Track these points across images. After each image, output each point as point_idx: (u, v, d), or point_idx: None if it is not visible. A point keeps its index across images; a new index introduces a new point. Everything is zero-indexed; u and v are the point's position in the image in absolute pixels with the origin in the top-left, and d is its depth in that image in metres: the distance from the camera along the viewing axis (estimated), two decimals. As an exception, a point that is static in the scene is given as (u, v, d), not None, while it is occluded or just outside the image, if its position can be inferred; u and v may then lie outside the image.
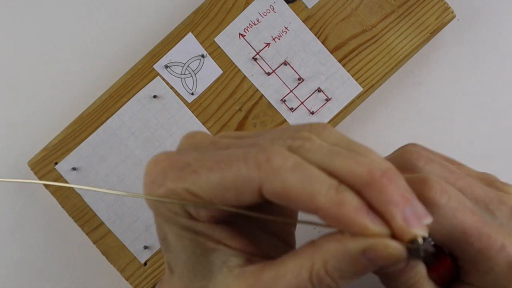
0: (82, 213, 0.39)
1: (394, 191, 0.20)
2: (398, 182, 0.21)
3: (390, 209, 0.20)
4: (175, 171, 0.22)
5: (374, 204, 0.20)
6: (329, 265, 0.21)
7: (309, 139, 0.22)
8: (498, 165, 0.42)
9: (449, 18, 0.39)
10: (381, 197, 0.20)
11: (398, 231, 0.20)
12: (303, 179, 0.20)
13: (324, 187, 0.20)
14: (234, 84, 0.40)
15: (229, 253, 0.23)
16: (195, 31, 0.40)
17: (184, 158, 0.22)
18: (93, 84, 0.42)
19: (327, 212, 0.20)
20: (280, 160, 0.21)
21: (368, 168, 0.21)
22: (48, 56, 0.42)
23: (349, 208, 0.20)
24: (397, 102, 0.42)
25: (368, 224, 0.20)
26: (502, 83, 0.42)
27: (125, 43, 0.42)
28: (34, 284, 0.42)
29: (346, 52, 0.40)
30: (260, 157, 0.21)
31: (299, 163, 0.21)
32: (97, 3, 0.42)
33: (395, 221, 0.20)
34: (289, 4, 0.40)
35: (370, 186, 0.20)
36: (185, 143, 0.24)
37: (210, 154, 0.22)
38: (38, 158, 0.39)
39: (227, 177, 0.21)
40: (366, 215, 0.20)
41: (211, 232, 0.23)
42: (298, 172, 0.20)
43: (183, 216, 0.23)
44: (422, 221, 0.20)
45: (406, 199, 0.20)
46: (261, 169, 0.21)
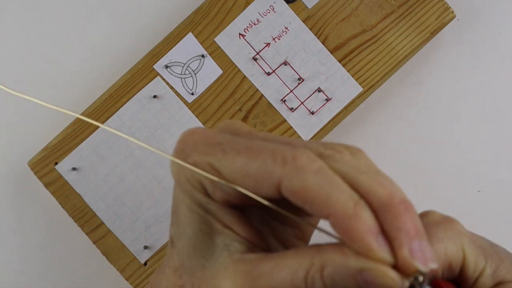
0: (82, 213, 0.39)
1: (408, 220, 0.21)
2: (413, 214, 0.21)
3: (400, 236, 0.20)
4: (206, 146, 0.23)
5: (386, 229, 0.21)
6: (326, 271, 0.21)
7: (340, 152, 0.22)
8: (498, 165, 0.42)
9: (449, 18, 0.39)
10: (395, 223, 0.20)
11: (402, 261, 0.20)
12: (323, 183, 0.21)
13: (343, 196, 0.20)
14: (234, 84, 0.40)
15: (233, 238, 0.23)
16: (195, 31, 0.40)
17: (217, 137, 0.23)
18: (93, 84, 0.42)
19: (339, 221, 0.20)
20: (306, 161, 0.21)
21: (390, 192, 0.21)
22: (48, 56, 0.42)
23: (362, 224, 0.20)
24: (397, 102, 0.42)
25: (374, 247, 0.20)
26: (502, 83, 0.42)
27: (125, 43, 0.42)
28: (34, 284, 0.42)
29: (346, 52, 0.40)
30: (288, 154, 0.21)
31: (323, 168, 0.21)
32: (97, 3, 0.42)
33: (402, 250, 0.20)
34: (289, 4, 0.40)
35: (388, 209, 0.21)
36: (225, 127, 0.25)
37: (243, 140, 0.23)
38: (38, 158, 0.39)
39: (252, 164, 0.21)
40: (376, 237, 0.20)
41: (221, 214, 0.23)
42: (320, 175, 0.21)
43: (200, 191, 0.23)
44: (428, 263, 0.20)
45: (417, 232, 0.21)
46: (285, 165, 0.21)
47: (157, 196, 0.39)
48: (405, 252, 0.20)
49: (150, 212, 0.39)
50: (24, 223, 0.42)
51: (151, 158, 0.39)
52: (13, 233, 0.42)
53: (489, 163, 0.42)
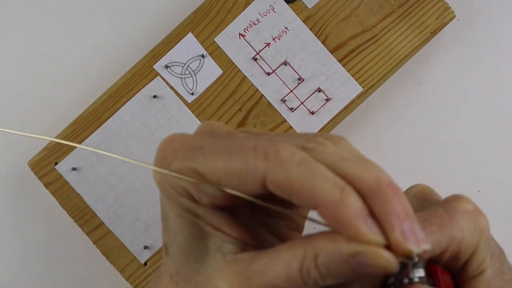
0: (82, 213, 0.39)
1: (397, 203, 0.20)
2: (402, 196, 0.21)
3: (390, 219, 0.20)
4: (186, 151, 0.23)
5: (376, 212, 0.20)
6: (319, 259, 0.21)
7: (322, 144, 0.22)
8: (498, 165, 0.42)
9: (449, 18, 0.39)
10: (384, 206, 0.20)
11: (394, 243, 0.20)
12: (307, 173, 0.20)
13: (328, 184, 0.20)
14: (234, 84, 0.40)
15: (225, 239, 0.23)
16: (195, 31, 0.40)
17: (197, 141, 0.23)
18: (93, 84, 0.42)
19: (327, 209, 0.20)
20: (288, 154, 0.21)
21: (376, 176, 0.21)
22: (48, 56, 0.42)
23: (349, 210, 0.20)
24: (397, 102, 0.42)
25: (364, 230, 0.20)
26: (502, 82, 0.42)
27: (125, 43, 0.42)
28: (34, 284, 0.42)
29: (346, 52, 0.40)
30: (269, 148, 0.21)
31: (306, 159, 0.21)
32: (97, 3, 0.42)
33: (393, 232, 0.20)
34: (289, 4, 0.40)
35: (375, 193, 0.20)
36: (203, 129, 0.25)
37: (223, 140, 0.23)
38: (38, 158, 0.39)
39: (234, 163, 0.21)
40: (364, 220, 0.20)
41: (210, 217, 0.23)
42: (304, 166, 0.21)
43: (185, 197, 0.23)
44: (421, 244, 0.20)
45: (407, 214, 0.21)
46: (267, 160, 0.21)
47: (157, 196, 0.39)
48: (396, 234, 0.20)
49: (150, 212, 0.39)
50: (24, 223, 0.42)
51: (151, 158, 0.39)
52: (13, 233, 0.42)
53: (489, 163, 0.42)
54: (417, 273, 0.22)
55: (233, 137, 0.24)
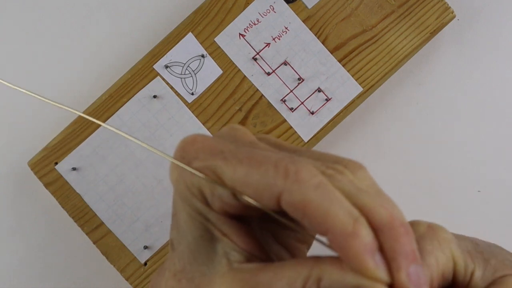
0: (82, 213, 0.39)
1: (407, 243, 0.21)
2: (412, 237, 0.21)
3: (399, 259, 0.20)
4: (207, 154, 0.23)
5: (385, 249, 0.21)
6: (322, 283, 0.21)
7: (341, 172, 0.22)
8: (498, 165, 0.42)
9: (449, 18, 0.39)
10: (394, 245, 0.21)
11: (398, 284, 0.20)
12: (323, 198, 0.21)
13: (343, 212, 0.20)
14: (234, 84, 0.40)
15: (232, 247, 0.24)
16: (195, 31, 0.40)
17: (219, 146, 0.23)
18: (93, 84, 0.42)
19: (337, 238, 0.20)
20: (308, 175, 0.21)
21: (391, 213, 0.21)
22: (48, 56, 0.42)
23: (360, 242, 0.20)
24: (397, 102, 0.42)
25: (371, 266, 0.20)
26: (502, 82, 0.42)
27: (125, 43, 0.42)
28: (34, 284, 0.42)
29: (346, 52, 0.40)
30: (290, 167, 0.21)
31: (324, 183, 0.21)
32: (97, 3, 0.43)
33: (400, 273, 0.20)
34: (289, 4, 0.40)
35: (388, 230, 0.21)
36: (226, 133, 0.25)
37: (245, 149, 0.23)
38: (38, 158, 0.39)
39: (253, 174, 0.21)
40: (373, 255, 0.20)
41: (220, 224, 0.23)
42: (321, 190, 0.21)
43: (199, 199, 0.23)
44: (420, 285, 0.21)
45: (415, 256, 0.21)
46: (287, 178, 0.21)
47: (157, 196, 0.39)
48: (403, 276, 0.20)
49: (150, 212, 0.39)
50: (24, 223, 0.42)
51: (151, 158, 0.39)
52: (13, 233, 0.42)
53: (489, 163, 0.42)
54: None
55: (255, 147, 0.24)
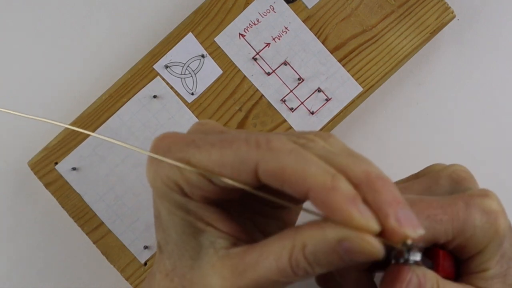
0: (82, 213, 0.39)
1: (388, 192, 0.21)
2: (391, 186, 0.21)
3: (384, 207, 0.20)
4: (179, 145, 0.23)
5: (369, 202, 0.20)
6: (307, 249, 0.21)
7: (313, 140, 0.22)
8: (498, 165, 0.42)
9: (449, 18, 0.39)
10: (375, 196, 0.20)
11: (390, 229, 0.20)
12: (299, 160, 0.21)
13: (320, 170, 0.20)
14: (234, 84, 0.40)
15: (217, 234, 0.24)
16: (195, 31, 0.40)
17: (190, 136, 0.23)
18: (93, 84, 0.42)
19: (319, 195, 0.20)
20: (279, 143, 0.21)
21: (366, 169, 0.21)
22: (48, 56, 0.42)
23: (341, 195, 0.20)
24: (397, 102, 0.42)
25: (356, 215, 0.20)
26: (502, 82, 0.42)
27: (125, 43, 0.42)
28: (34, 284, 0.42)
29: (346, 52, 0.40)
30: (261, 138, 0.21)
31: (297, 149, 0.21)
32: (97, 3, 0.43)
33: (389, 219, 0.20)
34: (289, 4, 0.40)
35: (366, 184, 0.21)
36: (195, 128, 0.25)
37: (216, 135, 0.23)
38: (38, 158, 0.39)
39: (227, 154, 0.22)
40: (356, 205, 0.20)
41: (202, 212, 0.23)
42: (295, 154, 0.21)
43: (177, 192, 0.23)
44: (416, 229, 0.20)
45: (399, 202, 0.21)
46: (259, 149, 0.21)
47: (157, 196, 0.39)
48: (392, 221, 0.20)
49: (150, 212, 0.39)
50: (24, 223, 0.42)
51: (151, 158, 0.39)
52: (13, 233, 0.42)
53: (489, 163, 0.42)
54: (413, 257, 0.22)
55: (225, 133, 0.24)
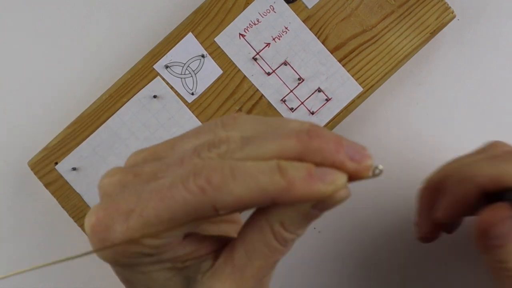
0: (82, 213, 0.39)
1: (326, 144, 0.21)
2: (325, 134, 0.22)
3: (334, 159, 0.21)
4: (121, 222, 0.21)
5: (319, 163, 0.21)
6: (286, 223, 0.22)
7: (227, 140, 0.22)
8: (498, 165, 0.42)
9: (449, 18, 0.39)
10: (320, 155, 0.21)
11: (353, 171, 0.21)
12: (246, 182, 0.20)
13: (268, 175, 0.21)
14: (234, 84, 0.40)
15: (197, 262, 0.24)
16: (195, 31, 0.40)
17: (123, 205, 0.22)
18: (93, 84, 0.42)
19: (285, 199, 0.21)
20: (219, 176, 0.21)
21: (295, 135, 0.21)
22: (48, 56, 0.42)
23: (299, 183, 0.20)
24: (397, 102, 0.42)
25: (323, 189, 0.21)
26: (502, 83, 0.42)
27: (125, 43, 0.42)
28: (34, 284, 0.42)
29: (346, 52, 0.40)
30: (200, 182, 0.21)
31: (233, 168, 0.21)
32: (97, 3, 0.43)
33: (346, 165, 0.21)
34: (289, 4, 0.40)
35: (307, 152, 0.21)
36: (107, 184, 0.23)
37: (146, 190, 0.22)
38: (38, 158, 0.39)
39: (176, 209, 0.21)
40: (316, 180, 0.21)
41: (175, 254, 0.23)
42: (239, 177, 0.21)
43: (143, 257, 0.22)
44: (369, 157, 0.22)
45: (340, 144, 0.21)
46: (206, 193, 0.21)
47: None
48: (349, 165, 0.21)
49: (150, 212, 0.39)
50: (24, 223, 0.42)
51: (151, 158, 0.39)
52: (13, 233, 0.42)
53: (489, 163, 0.42)
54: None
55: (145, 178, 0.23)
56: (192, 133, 0.24)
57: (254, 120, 0.23)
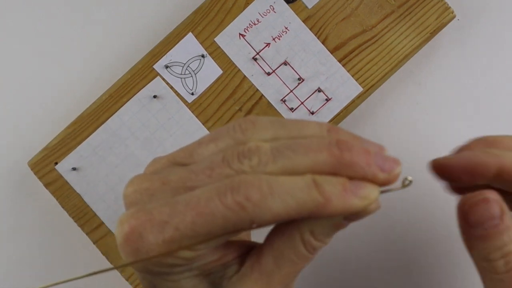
0: (82, 213, 0.39)
1: (357, 157, 0.22)
2: (354, 145, 0.22)
3: (366, 172, 0.22)
4: (155, 233, 0.21)
5: (352, 176, 0.22)
6: (316, 233, 0.22)
7: (258, 151, 0.22)
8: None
9: (449, 18, 0.39)
10: (352, 170, 0.22)
11: (386, 181, 0.22)
12: (284, 198, 0.21)
13: (305, 191, 0.21)
14: (234, 84, 0.40)
15: (223, 268, 0.24)
16: (195, 31, 0.40)
17: (157, 216, 0.21)
18: (93, 84, 0.42)
19: (322, 214, 0.21)
20: (258, 193, 0.21)
21: (326, 149, 0.22)
22: (48, 56, 0.42)
23: (336, 200, 0.21)
24: (397, 102, 0.42)
25: (358, 203, 0.21)
26: (502, 83, 0.42)
27: (125, 43, 0.42)
28: (34, 284, 0.42)
29: (346, 52, 0.40)
30: (239, 198, 0.21)
31: (271, 184, 0.21)
32: (97, 3, 0.43)
33: (377, 176, 0.22)
34: (289, 4, 0.40)
35: (339, 166, 0.22)
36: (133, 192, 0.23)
37: (180, 201, 0.21)
38: (38, 158, 0.39)
39: (214, 225, 0.21)
40: (351, 195, 0.21)
41: (205, 261, 0.23)
42: (277, 194, 0.21)
43: (177, 266, 0.23)
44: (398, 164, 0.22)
45: (370, 155, 0.22)
46: (245, 210, 0.21)
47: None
48: (380, 176, 0.22)
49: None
50: (24, 223, 0.42)
51: (151, 158, 0.39)
52: (13, 233, 0.42)
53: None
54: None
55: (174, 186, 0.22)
56: (209, 138, 0.23)
57: (273, 124, 0.23)
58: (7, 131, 0.42)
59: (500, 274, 0.23)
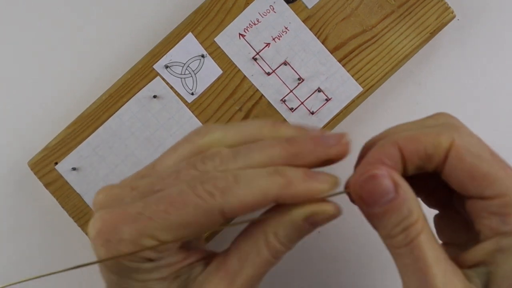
0: (82, 213, 0.39)
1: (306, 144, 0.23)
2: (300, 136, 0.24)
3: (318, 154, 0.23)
4: (129, 223, 0.22)
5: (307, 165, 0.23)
6: (279, 235, 0.23)
7: (219, 153, 0.24)
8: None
9: (449, 18, 0.39)
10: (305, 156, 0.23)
11: (339, 155, 0.23)
12: (249, 185, 0.22)
13: (268, 178, 0.22)
14: (234, 84, 0.40)
15: (189, 269, 0.24)
16: (195, 31, 0.40)
17: (130, 209, 0.22)
18: (93, 84, 0.42)
19: (286, 196, 0.22)
20: (224, 182, 0.22)
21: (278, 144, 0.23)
22: (48, 56, 0.42)
23: (298, 182, 0.22)
24: (397, 102, 0.42)
25: (318, 186, 0.22)
26: (502, 83, 0.42)
27: (125, 43, 0.42)
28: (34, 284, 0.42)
29: (346, 52, 0.40)
30: (208, 187, 0.22)
31: (235, 175, 0.22)
32: (97, 3, 0.43)
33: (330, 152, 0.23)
34: (289, 4, 0.40)
35: (293, 157, 0.23)
36: (103, 198, 0.24)
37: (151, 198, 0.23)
38: (38, 158, 0.39)
39: (187, 214, 0.22)
40: (312, 178, 0.22)
41: (171, 260, 0.24)
42: (242, 182, 0.22)
43: (147, 260, 0.23)
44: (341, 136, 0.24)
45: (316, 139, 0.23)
46: (215, 198, 0.22)
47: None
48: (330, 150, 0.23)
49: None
50: (24, 223, 0.42)
51: (151, 158, 0.39)
52: (13, 233, 0.42)
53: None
54: None
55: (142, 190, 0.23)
56: (169, 150, 0.25)
57: (223, 128, 0.25)
58: (7, 131, 0.42)
59: (400, 248, 0.22)
